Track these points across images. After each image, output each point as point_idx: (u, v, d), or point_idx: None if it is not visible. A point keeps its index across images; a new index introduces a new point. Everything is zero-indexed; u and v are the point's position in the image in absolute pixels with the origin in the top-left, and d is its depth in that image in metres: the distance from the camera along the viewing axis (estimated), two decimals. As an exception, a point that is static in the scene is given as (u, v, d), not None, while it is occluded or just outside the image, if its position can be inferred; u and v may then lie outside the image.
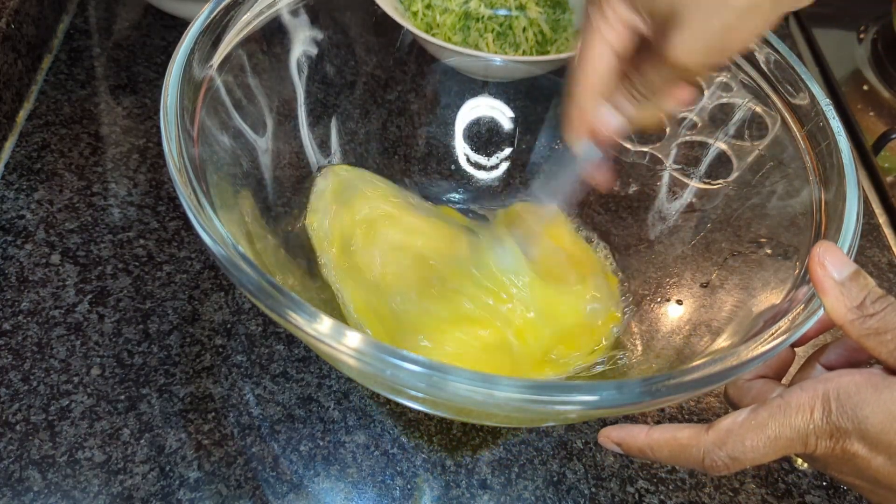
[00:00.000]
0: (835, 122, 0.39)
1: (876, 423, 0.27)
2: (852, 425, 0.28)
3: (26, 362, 0.44)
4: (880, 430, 0.27)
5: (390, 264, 0.46)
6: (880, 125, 0.72)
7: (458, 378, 0.27)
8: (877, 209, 0.65)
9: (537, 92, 0.57)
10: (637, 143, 0.53)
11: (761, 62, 0.44)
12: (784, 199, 0.42)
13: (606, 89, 0.33)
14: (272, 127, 0.46)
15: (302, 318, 0.28)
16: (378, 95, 0.55)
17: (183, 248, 0.51)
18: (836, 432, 0.28)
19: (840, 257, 0.31)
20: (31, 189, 0.53)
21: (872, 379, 0.28)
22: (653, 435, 0.32)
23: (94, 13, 0.68)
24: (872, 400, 0.28)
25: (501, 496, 0.43)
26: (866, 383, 0.28)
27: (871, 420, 0.27)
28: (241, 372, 0.46)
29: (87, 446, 0.41)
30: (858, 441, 0.28)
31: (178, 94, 0.35)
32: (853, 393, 0.28)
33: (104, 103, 0.60)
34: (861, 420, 0.28)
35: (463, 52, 0.53)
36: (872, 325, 0.29)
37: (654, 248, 0.50)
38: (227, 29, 0.40)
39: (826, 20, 0.83)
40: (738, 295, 0.42)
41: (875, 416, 0.27)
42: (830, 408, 0.28)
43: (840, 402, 0.28)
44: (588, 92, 0.33)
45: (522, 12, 0.60)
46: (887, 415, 0.27)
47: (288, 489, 0.41)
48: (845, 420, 0.28)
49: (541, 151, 0.57)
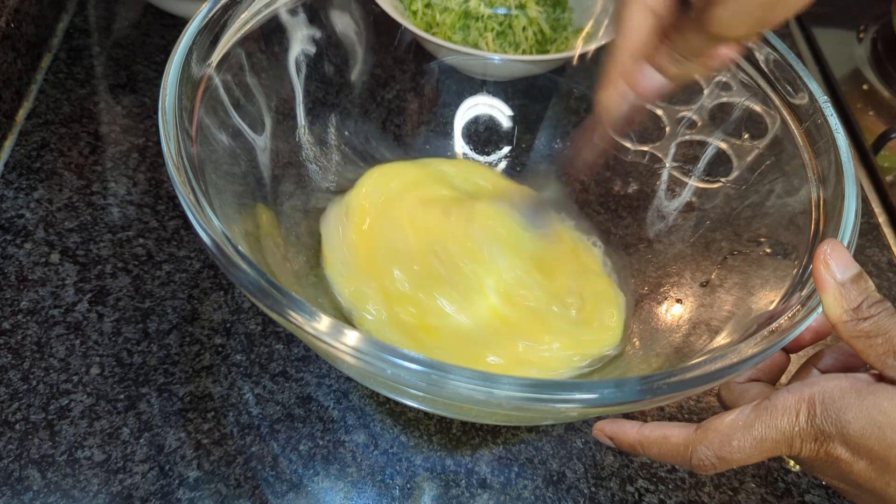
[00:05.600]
0: (833, 119, 0.39)
1: (857, 428, 0.28)
2: (835, 429, 0.28)
3: (26, 361, 0.44)
4: (861, 436, 0.28)
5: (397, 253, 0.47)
6: (880, 124, 0.72)
7: (457, 377, 0.27)
8: (876, 208, 0.65)
9: (536, 91, 0.57)
10: (637, 143, 0.53)
11: (761, 61, 0.44)
12: (783, 198, 0.42)
13: (647, 51, 0.32)
14: (271, 126, 0.46)
15: (301, 317, 0.28)
16: (377, 94, 0.55)
17: (182, 248, 0.51)
18: (819, 436, 0.29)
19: (845, 258, 0.31)
20: (31, 188, 0.53)
21: (857, 384, 0.29)
22: (644, 431, 0.33)
23: (93, 12, 0.68)
24: (855, 405, 0.28)
25: (501, 495, 0.43)
26: (851, 388, 0.28)
27: (853, 425, 0.28)
28: (240, 371, 0.46)
29: (86, 445, 0.41)
30: (841, 445, 0.28)
31: (177, 92, 0.35)
32: (837, 397, 0.28)
33: (103, 102, 0.60)
34: (844, 425, 0.28)
35: (462, 50, 0.53)
36: (865, 327, 0.29)
37: (654, 248, 0.50)
38: (225, 28, 0.40)
39: (826, 20, 0.83)
40: (737, 293, 0.42)
41: (857, 422, 0.28)
42: (815, 411, 0.29)
43: (824, 407, 0.29)
44: (629, 53, 0.32)
45: (522, 11, 0.60)
46: (868, 420, 0.28)
47: (287, 488, 0.41)
48: (829, 424, 0.28)
49: (540, 150, 0.57)
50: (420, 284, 0.45)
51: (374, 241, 0.47)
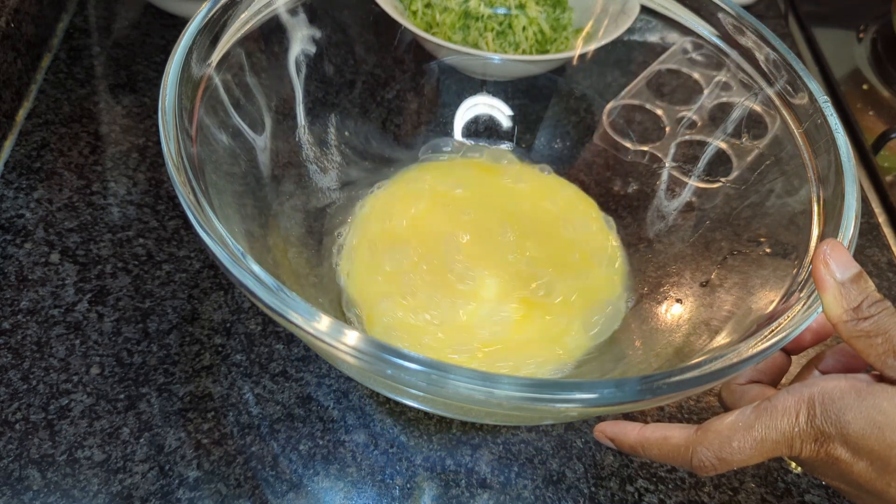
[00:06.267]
0: (833, 118, 0.39)
1: (857, 428, 0.28)
2: (835, 430, 0.28)
3: (26, 361, 0.44)
4: (861, 436, 0.28)
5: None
6: (880, 124, 0.72)
7: (457, 376, 0.27)
8: (876, 208, 0.65)
9: (536, 91, 0.57)
10: (637, 143, 0.53)
11: (761, 61, 0.44)
12: (783, 198, 0.42)
13: None
14: (271, 126, 0.46)
15: (301, 317, 0.28)
16: (377, 94, 0.55)
17: (182, 247, 0.51)
18: (820, 436, 0.29)
19: (845, 257, 0.31)
20: (31, 188, 0.53)
21: (857, 385, 0.29)
22: (644, 433, 0.33)
23: (93, 12, 0.68)
24: (855, 406, 0.28)
25: (501, 495, 0.43)
26: (850, 389, 0.29)
27: (852, 426, 0.28)
28: (240, 371, 0.46)
29: (86, 445, 0.41)
30: (841, 446, 0.28)
31: (177, 92, 0.35)
32: (837, 398, 0.28)
33: (103, 102, 0.60)
34: (843, 425, 0.28)
35: (462, 50, 0.53)
36: (865, 327, 0.29)
37: (654, 247, 0.50)
38: (225, 27, 0.40)
39: (826, 20, 0.83)
40: (736, 293, 0.42)
41: (857, 422, 0.28)
42: (815, 412, 0.29)
43: (824, 407, 0.29)
44: None
45: (522, 11, 0.60)
46: (868, 421, 0.28)
47: (287, 488, 0.41)
48: (828, 425, 0.28)
49: (540, 150, 0.57)
50: (429, 284, 0.46)
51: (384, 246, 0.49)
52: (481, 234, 0.50)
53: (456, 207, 0.51)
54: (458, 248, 0.49)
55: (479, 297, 0.46)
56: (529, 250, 0.49)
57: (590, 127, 0.55)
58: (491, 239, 0.49)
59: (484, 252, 0.49)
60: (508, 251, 0.49)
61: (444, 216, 0.50)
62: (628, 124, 0.54)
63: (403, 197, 0.52)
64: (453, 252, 0.48)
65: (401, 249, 0.48)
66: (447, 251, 0.48)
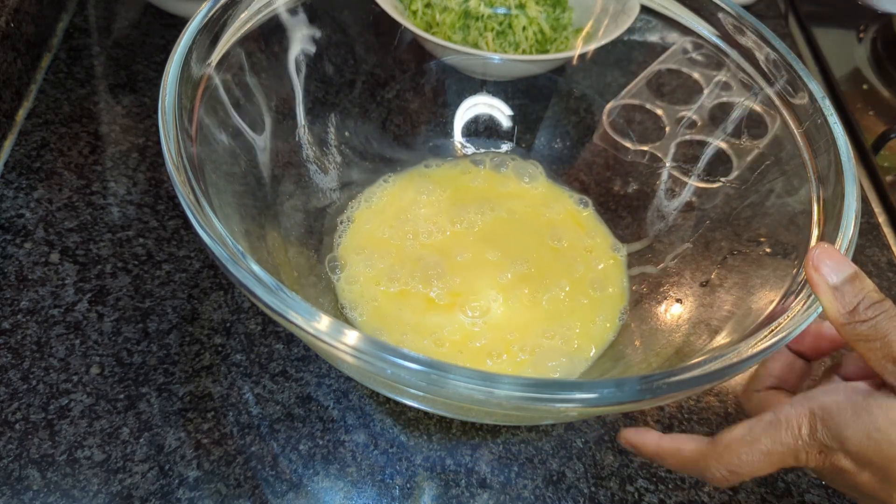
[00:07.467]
0: (832, 118, 0.39)
1: (856, 443, 0.28)
2: (837, 444, 0.29)
3: (25, 361, 0.44)
4: (860, 451, 0.28)
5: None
6: (880, 124, 0.72)
7: (457, 376, 0.27)
8: (876, 208, 0.65)
9: (536, 91, 0.57)
10: (637, 143, 0.53)
11: (761, 61, 0.44)
12: (783, 198, 0.42)
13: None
14: (271, 125, 0.46)
15: (301, 317, 0.28)
16: (377, 94, 0.55)
17: (182, 247, 0.51)
18: (823, 448, 0.29)
19: (837, 259, 0.30)
20: (31, 188, 0.53)
21: (853, 399, 0.29)
22: (662, 444, 0.33)
23: (93, 12, 0.68)
24: (852, 423, 0.29)
25: (501, 495, 0.43)
26: (847, 404, 0.29)
27: (852, 441, 0.28)
28: (240, 371, 0.46)
29: (86, 445, 0.41)
30: (845, 457, 0.29)
31: (177, 92, 0.35)
32: (835, 414, 0.29)
33: (103, 102, 0.60)
34: (843, 441, 0.29)
35: (462, 50, 0.53)
36: (863, 331, 0.29)
37: (654, 247, 0.50)
38: (225, 27, 0.40)
39: (826, 20, 0.83)
40: (737, 293, 0.42)
41: (855, 438, 0.28)
42: (816, 426, 0.29)
43: (824, 422, 0.29)
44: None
45: (522, 11, 0.60)
46: (865, 437, 0.28)
47: (287, 488, 0.41)
48: (829, 440, 0.29)
49: (540, 150, 0.57)
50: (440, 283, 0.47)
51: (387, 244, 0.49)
52: (481, 237, 0.50)
53: (456, 212, 0.51)
54: (458, 250, 0.49)
55: (479, 299, 0.46)
56: (529, 254, 0.49)
57: (590, 127, 0.55)
58: (490, 242, 0.50)
59: (483, 255, 0.49)
60: (508, 255, 0.49)
61: (444, 220, 0.51)
62: (628, 124, 0.54)
63: (404, 199, 0.52)
64: (453, 254, 0.48)
65: (400, 251, 0.49)
66: (447, 253, 0.49)
